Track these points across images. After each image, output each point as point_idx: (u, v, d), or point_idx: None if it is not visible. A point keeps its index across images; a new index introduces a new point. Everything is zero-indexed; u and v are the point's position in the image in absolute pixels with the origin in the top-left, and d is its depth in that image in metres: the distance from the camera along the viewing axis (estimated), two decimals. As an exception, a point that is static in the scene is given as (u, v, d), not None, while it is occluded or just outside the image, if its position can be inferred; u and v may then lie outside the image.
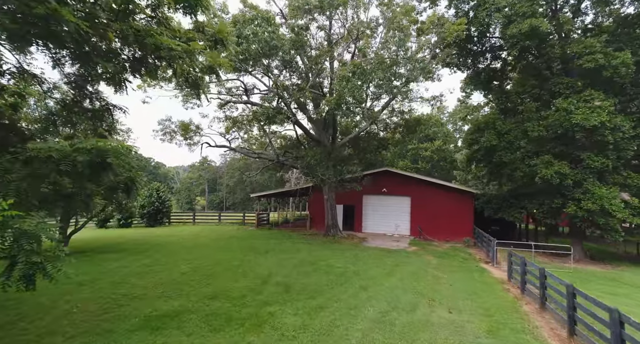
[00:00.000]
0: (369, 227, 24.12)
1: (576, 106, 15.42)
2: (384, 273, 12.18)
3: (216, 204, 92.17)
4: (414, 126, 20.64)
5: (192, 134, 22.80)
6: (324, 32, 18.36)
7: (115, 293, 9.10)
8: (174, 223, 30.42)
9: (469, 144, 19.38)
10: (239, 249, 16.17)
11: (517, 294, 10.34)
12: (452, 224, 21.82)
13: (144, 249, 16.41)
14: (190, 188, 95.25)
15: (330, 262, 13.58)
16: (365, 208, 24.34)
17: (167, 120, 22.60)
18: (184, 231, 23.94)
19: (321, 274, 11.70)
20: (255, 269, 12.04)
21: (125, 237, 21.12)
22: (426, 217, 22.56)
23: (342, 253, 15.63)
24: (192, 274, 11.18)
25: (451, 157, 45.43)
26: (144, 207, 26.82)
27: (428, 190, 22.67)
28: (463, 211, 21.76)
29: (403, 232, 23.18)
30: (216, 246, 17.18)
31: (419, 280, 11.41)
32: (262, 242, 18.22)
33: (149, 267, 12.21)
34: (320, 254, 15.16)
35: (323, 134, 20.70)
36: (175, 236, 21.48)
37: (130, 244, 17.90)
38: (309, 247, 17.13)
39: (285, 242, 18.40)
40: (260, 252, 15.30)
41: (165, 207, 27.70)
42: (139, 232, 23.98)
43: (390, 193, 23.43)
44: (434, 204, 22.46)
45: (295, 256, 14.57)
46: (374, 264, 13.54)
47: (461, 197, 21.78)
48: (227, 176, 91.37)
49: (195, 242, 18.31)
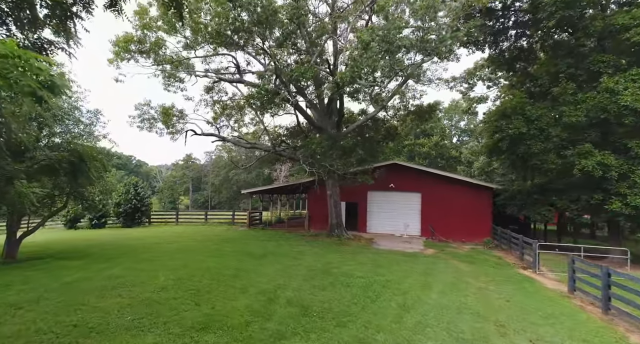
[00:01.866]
0: (374, 227, 21.75)
1: (624, 86, 13.37)
2: (417, 284, 9.77)
3: (201, 203, 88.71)
4: (427, 113, 18.32)
5: (175, 121, 19.96)
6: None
7: (60, 323, 6.38)
8: (155, 223, 27.41)
9: (492, 133, 17.18)
10: (232, 253, 13.53)
11: (598, 314, 8.07)
12: (468, 223, 19.65)
13: (116, 254, 13.60)
14: (173, 187, 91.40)
15: (346, 269, 11.11)
16: (370, 206, 21.96)
17: (146, 105, 19.69)
18: (166, 232, 21.07)
19: (341, 286, 9.21)
20: (256, 281, 9.46)
21: (95, 239, 18.17)
22: (439, 215, 20.33)
23: (354, 258, 13.17)
24: (174, 290, 8.52)
25: (449, 153, 43.65)
26: (120, 205, 23.77)
27: (441, 185, 20.45)
28: (481, 208, 19.62)
29: (413, 233, 20.90)
30: (204, 250, 14.49)
31: (465, 294, 9.06)
32: (258, 245, 15.61)
33: (118, 279, 9.48)
34: (330, 260, 12.67)
35: (326, 121, 18.19)
36: (156, 237, 18.64)
37: (100, 248, 15.03)
38: (313, 250, 14.61)
39: (285, 245, 15.83)
40: (257, 258, 12.70)
41: (144, 205, 24.69)
42: (114, 233, 21.00)
43: (398, 189, 21.12)
44: (448, 201, 20.26)
45: (301, 262, 12.04)
46: (399, 272, 11.13)
47: (479, 193, 19.63)
48: (212, 174, 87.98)
49: (178, 246, 15.56)
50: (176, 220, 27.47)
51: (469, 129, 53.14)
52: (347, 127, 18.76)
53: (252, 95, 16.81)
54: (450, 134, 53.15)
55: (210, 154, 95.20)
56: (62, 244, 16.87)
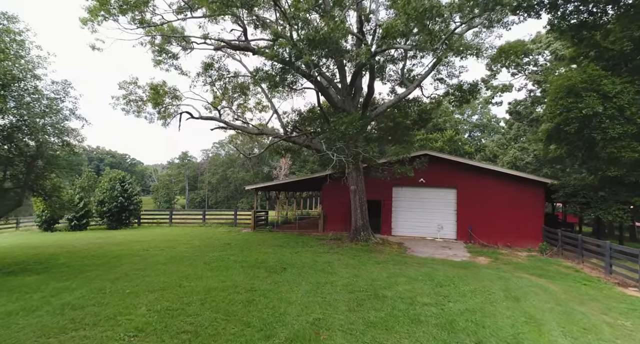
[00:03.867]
0: (400, 229, 18.66)
1: None
2: (518, 317, 6.67)
3: (197, 202, 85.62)
4: (469, 93, 15.23)
5: (168, 103, 16.77)
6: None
7: None
8: (146, 224, 24.17)
9: (553, 116, 14.09)
10: (240, 265, 10.36)
11: None
12: (514, 224, 16.61)
13: (88, 266, 10.43)
14: (169, 186, 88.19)
15: (400, 291, 8.01)
16: (395, 204, 18.85)
17: (132, 83, 16.47)
18: (157, 236, 17.88)
19: (409, 322, 6.10)
20: (283, 313, 6.34)
21: (68, 245, 14.95)
22: (478, 215, 17.28)
23: (400, 271, 10.07)
24: (157, 334, 5.40)
25: (463, 149, 40.68)
26: (103, 204, 20.51)
27: (480, 180, 17.40)
28: (530, 206, 16.57)
29: (448, 236, 17.82)
30: (203, 259, 11.32)
31: (595, 333, 6.00)
32: (271, 253, 12.47)
33: (75, 312, 6.34)
34: (371, 274, 9.57)
35: (349, 102, 15.07)
36: (144, 242, 15.46)
37: (70, 257, 11.85)
38: (342, 260, 11.49)
39: (304, 253, 12.70)
40: (275, 272, 9.56)
41: (132, 204, 21.42)
42: (94, 237, 17.78)
43: (429, 184, 18.04)
44: (489, 198, 17.22)
45: (335, 279, 8.92)
46: (473, 294, 8.03)
47: (528, 189, 16.58)
48: (209, 172, 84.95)
49: (170, 254, 12.39)
50: (170, 221, 24.23)
51: (482, 124, 50.19)
52: (377, 108, 15.58)
53: (259, 69, 13.66)
54: (462, 129, 50.19)
55: (207, 152, 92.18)
56: (26, 250, 13.64)
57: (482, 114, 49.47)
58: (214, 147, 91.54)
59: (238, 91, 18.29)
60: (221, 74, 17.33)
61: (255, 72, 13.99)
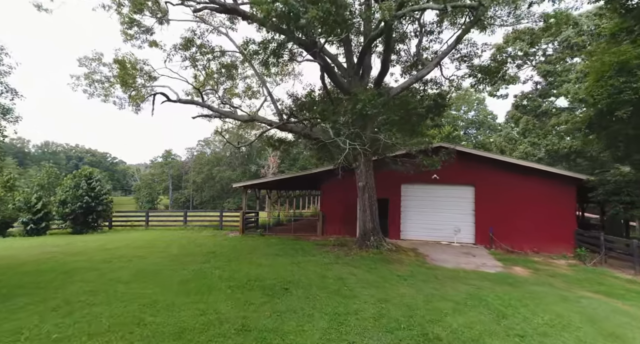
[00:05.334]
0: (410, 232, 16.41)
1: None
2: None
3: (181, 202, 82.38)
4: (494, 73, 13.03)
5: (140, 85, 14.12)
6: None
7: None
8: (118, 227, 21.33)
9: (596, 100, 12.00)
10: (228, 284, 7.86)
11: None
12: (542, 226, 14.55)
13: (22, 286, 7.79)
14: (152, 185, 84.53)
15: (455, 325, 5.69)
16: (404, 203, 16.60)
17: (96, 59, 13.75)
18: (128, 241, 15.17)
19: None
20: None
21: (11, 256, 12.13)
22: (499, 216, 15.17)
23: (437, 291, 7.76)
24: None
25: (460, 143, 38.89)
26: (66, 204, 17.62)
27: (502, 176, 15.29)
28: (560, 206, 14.53)
29: (465, 240, 15.65)
30: (179, 275, 8.78)
31: None
32: (266, 265, 9.99)
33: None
34: (402, 298, 7.21)
35: (356, 82, 12.71)
36: (109, 250, 12.78)
37: (5, 273, 9.13)
38: (356, 274, 9.11)
39: (306, 264, 10.28)
40: (275, 296, 7.10)
41: (101, 204, 18.55)
42: (51, 243, 14.93)
43: (443, 181, 15.83)
44: (512, 197, 15.12)
45: (357, 307, 6.53)
46: (560, 332, 5.78)
47: (557, 187, 14.53)
48: (194, 171, 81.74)
49: (138, 267, 9.79)
50: (146, 223, 21.41)
51: (478, 121, 48.57)
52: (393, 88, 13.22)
53: (250, 41, 11.18)
54: (459, 126, 48.48)
55: (192, 150, 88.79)
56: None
57: (478, 110, 47.83)
58: (200, 145, 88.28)
59: (224, 74, 15.71)
60: (204, 51, 14.74)
61: (246, 44, 11.51)
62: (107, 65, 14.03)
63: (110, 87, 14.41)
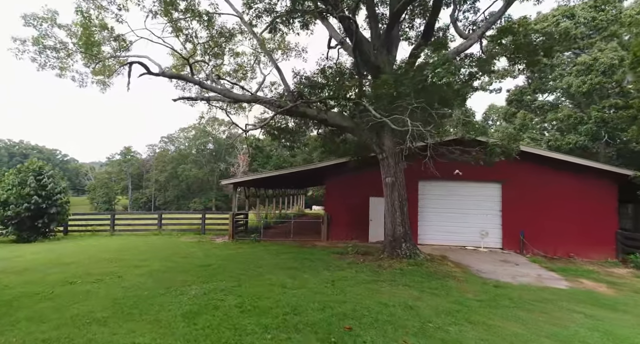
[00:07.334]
0: (428, 236, 14.45)
1: None
2: None
3: (142, 203, 76.86)
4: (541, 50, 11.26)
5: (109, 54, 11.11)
6: None
7: None
8: (76, 233, 17.78)
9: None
10: (256, 319, 5.33)
11: None
12: (578, 227, 13.09)
13: None
14: (108, 185, 78.13)
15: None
16: (422, 203, 14.62)
17: (48, 19, 10.57)
18: (91, 252, 12.02)
19: None
20: None
21: None
22: (530, 217, 13.60)
23: (552, 324, 5.72)
24: None
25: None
26: (8, 206, 14.00)
27: (532, 171, 13.71)
28: (600, 205, 13.12)
29: (492, 244, 13.93)
30: (178, 306, 6.09)
31: None
32: (292, 286, 7.49)
33: None
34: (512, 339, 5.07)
35: (383, 56, 10.51)
36: (68, 265, 9.72)
37: None
38: (421, 298, 6.88)
39: (342, 283, 7.91)
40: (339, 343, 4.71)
41: (54, 206, 15.02)
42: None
43: (466, 177, 13.98)
44: (544, 196, 13.61)
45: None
46: None
47: (595, 184, 13.11)
48: (156, 170, 76.42)
49: (115, 294, 6.94)
50: (112, 228, 17.98)
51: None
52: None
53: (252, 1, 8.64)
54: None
55: (153, 147, 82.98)
56: None
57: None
58: (163, 141, 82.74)
59: (217, 44, 12.93)
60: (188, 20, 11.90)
61: (247, 4, 8.95)
62: (64, 28, 10.89)
63: (68, 57, 11.26)
